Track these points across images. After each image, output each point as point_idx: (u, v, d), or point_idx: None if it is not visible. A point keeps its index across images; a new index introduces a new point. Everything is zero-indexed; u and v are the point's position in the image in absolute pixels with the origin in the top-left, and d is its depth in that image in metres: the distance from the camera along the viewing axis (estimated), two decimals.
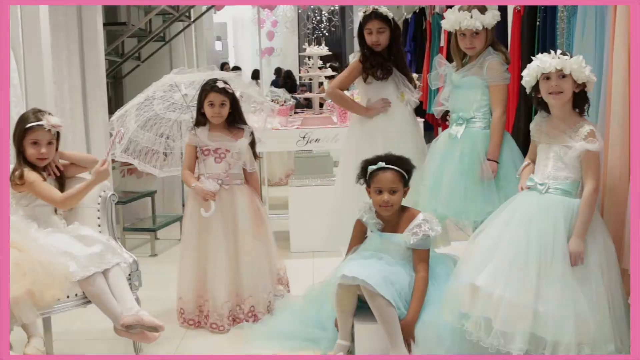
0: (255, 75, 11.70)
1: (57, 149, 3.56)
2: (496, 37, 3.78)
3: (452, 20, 3.70)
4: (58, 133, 3.53)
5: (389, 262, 3.36)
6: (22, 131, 3.46)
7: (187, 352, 3.69)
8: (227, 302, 3.91)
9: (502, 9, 3.76)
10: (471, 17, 3.63)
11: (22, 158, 3.46)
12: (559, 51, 2.98)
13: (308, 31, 14.55)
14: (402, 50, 4.27)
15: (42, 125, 3.44)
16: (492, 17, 3.66)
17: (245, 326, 3.87)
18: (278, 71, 13.89)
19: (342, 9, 15.33)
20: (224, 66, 12.34)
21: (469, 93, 3.74)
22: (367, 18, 4.10)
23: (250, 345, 3.67)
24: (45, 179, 3.47)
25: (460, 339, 3.07)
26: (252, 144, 4.05)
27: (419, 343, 3.21)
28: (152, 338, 3.29)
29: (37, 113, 3.50)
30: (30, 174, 3.41)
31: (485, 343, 2.86)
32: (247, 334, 3.79)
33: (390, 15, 4.09)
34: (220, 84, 3.90)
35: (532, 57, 3.05)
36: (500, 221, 3.02)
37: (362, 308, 3.34)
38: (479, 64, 3.71)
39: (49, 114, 3.53)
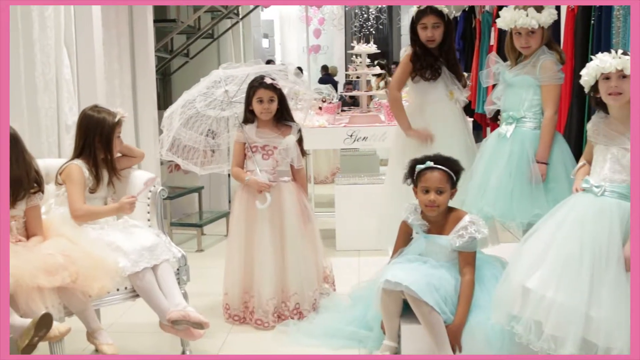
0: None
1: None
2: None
3: (507, 19, 3.65)
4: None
5: (434, 265, 3.32)
6: (114, 127, 3.55)
7: (232, 347, 3.70)
8: (272, 298, 3.92)
9: (556, 8, 3.68)
10: (527, 15, 3.56)
11: (94, 157, 3.53)
12: (619, 51, 2.90)
13: (355, 29, 14.53)
14: (453, 47, 4.21)
15: (123, 118, 3.60)
16: (548, 16, 3.60)
17: (290, 323, 3.87)
18: (325, 68, 13.91)
19: (390, 6, 15.27)
20: (269, 63, 12.38)
21: (520, 92, 3.68)
22: (422, 13, 4.04)
23: (295, 343, 3.67)
24: (98, 182, 3.52)
25: (509, 343, 3.02)
26: (300, 141, 4.04)
27: (467, 347, 3.17)
28: (197, 335, 3.31)
29: (104, 110, 3.60)
30: (74, 169, 3.46)
31: (535, 346, 2.80)
32: (292, 331, 3.79)
33: (446, 10, 4.04)
34: (268, 80, 3.91)
35: (589, 57, 2.98)
36: (553, 223, 2.96)
37: (408, 309, 3.30)
38: (532, 63, 3.64)
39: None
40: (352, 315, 3.71)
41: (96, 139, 3.53)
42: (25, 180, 3.06)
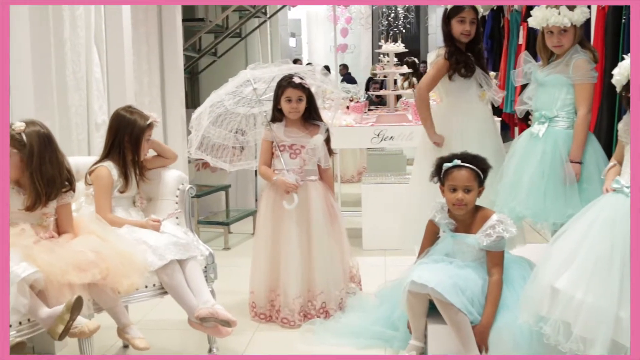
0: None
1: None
2: None
3: (539, 18, 3.62)
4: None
5: (460, 265, 3.30)
6: (144, 130, 3.57)
7: (258, 345, 3.72)
8: (298, 297, 3.92)
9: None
10: (559, 14, 3.53)
11: (122, 157, 3.56)
12: None
13: (382, 28, 14.50)
14: (482, 47, 4.20)
15: (155, 122, 3.61)
16: (580, 14, 3.56)
17: (316, 322, 3.87)
18: (345, 67, 13.89)
19: (418, 5, 15.22)
20: (296, 62, 12.41)
21: (553, 91, 3.65)
22: (460, 7, 4.01)
23: (321, 342, 3.67)
24: (127, 182, 3.55)
25: (537, 344, 3.00)
26: (328, 141, 4.05)
27: (494, 348, 3.15)
28: (224, 333, 3.32)
29: (137, 111, 3.63)
30: (103, 172, 3.50)
31: (564, 348, 2.78)
32: (318, 330, 3.79)
33: (481, 10, 4.03)
34: (296, 80, 3.92)
35: (620, 56, 2.95)
36: (583, 223, 2.93)
37: (435, 308, 3.29)
38: (565, 61, 3.61)
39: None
40: (378, 315, 3.70)
41: (125, 138, 3.56)
42: (58, 180, 3.09)
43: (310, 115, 4.02)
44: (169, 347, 3.72)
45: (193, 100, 7.64)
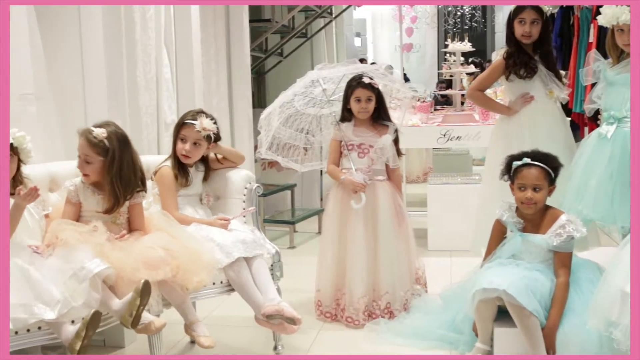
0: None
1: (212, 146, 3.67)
2: None
3: (609, 16, 3.53)
4: (210, 137, 3.59)
5: (528, 267, 3.24)
6: (179, 126, 3.61)
7: (323, 344, 3.73)
8: (363, 297, 3.92)
9: None
10: (630, 11, 3.45)
11: (173, 152, 3.61)
12: None
13: (448, 27, 14.37)
14: (551, 45, 4.13)
15: (194, 124, 3.56)
16: None
17: (381, 322, 3.86)
18: (373, 64, 13.77)
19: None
20: (361, 62, 12.38)
21: (623, 91, 3.55)
22: (521, 7, 3.98)
23: (385, 342, 3.67)
24: (187, 184, 3.59)
25: (606, 349, 2.93)
26: (396, 141, 4.04)
27: (560, 352, 3.09)
28: (290, 330, 3.33)
29: (197, 114, 3.61)
30: (164, 172, 3.55)
31: None
32: (382, 330, 3.78)
33: (545, 8, 3.96)
34: (366, 80, 3.92)
35: None
36: None
37: (501, 312, 3.25)
38: None
39: (209, 117, 3.62)
40: (443, 317, 3.67)
41: (174, 135, 3.64)
42: (133, 180, 3.17)
43: (380, 116, 4.01)
44: (235, 343, 3.77)
45: (260, 100, 7.71)
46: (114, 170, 3.10)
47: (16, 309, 2.56)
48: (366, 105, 3.94)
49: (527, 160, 3.30)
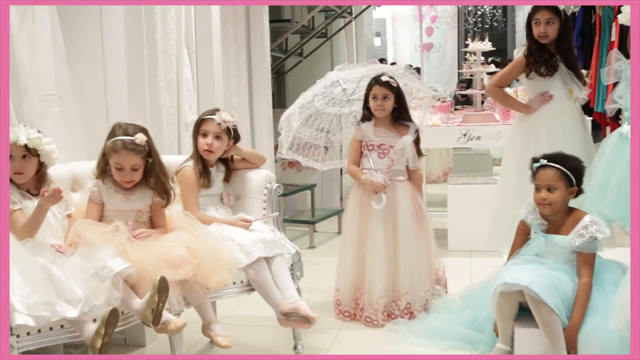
0: None
1: (231, 146, 3.68)
2: None
3: (629, 14, 3.51)
4: (231, 130, 3.62)
5: (552, 267, 3.22)
6: (198, 123, 3.64)
7: (343, 343, 3.73)
8: (382, 297, 3.92)
9: None
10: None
11: (195, 150, 3.63)
12: None
13: (469, 26, 14.32)
14: (572, 44, 4.11)
15: (213, 118, 3.58)
16: None
17: (400, 322, 3.85)
18: (393, 64, 13.74)
19: None
20: (381, 62, 12.37)
21: None
22: (535, 8, 3.98)
23: (405, 342, 3.66)
24: (208, 182, 3.61)
25: (628, 350, 2.91)
26: (417, 141, 4.03)
27: (582, 353, 3.07)
28: (305, 326, 3.33)
29: (215, 110, 3.65)
30: (186, 172, 3.57)
31: None
32: (402, 330, 3.78)
33: (561, 6, 3.94)
34: (384, 78, 3.92)
35: None
36: None
37: (522, 311, 3.24)
38: None
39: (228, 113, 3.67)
40: (463, 317, 3.66)
41: (194, 133, 3.67)
42: (160, 182, 3.22)
43: (400, 116, 4.01)
44: (255, 343, 3.78)
45: (280, 100, 7.73)
46: (157, 166, 3.20)
47: (39, 307, 2.58)
48: (382, 103, 3.93)
49: (543, 161, 3.29)
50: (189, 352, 3.61)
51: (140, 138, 3.11)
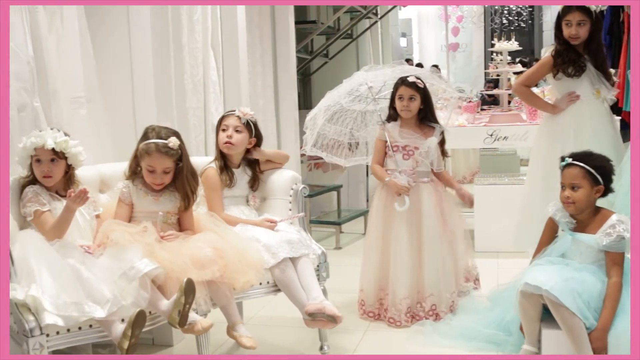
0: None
1: (254, 144, 3.70)
2: None
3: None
4: (251, 124, 3.65)
5: (577, 268, 3.19)
6: (219, 121, 3.68)
7: (369, 344, 3.73)
8: (405, 298, 3.91)
9: None
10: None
11: (217, 147, 3.66)
12: None
13: (495, 26, 14.24)
14: (601, 44, 4.07)
15: (232, 113, 3.63)
16: None
17: (426, 323, 3.85)
18: (419, 65, 13.68)
19: None
20: (407, 62, 12.33)
21: None
22: (566, 9, 3.94)
23: (431, 343, 3.65)
24: (230, 182, 3.62)
25: None
26: (442, 143, 4.02)
27: (613, 353, 3.04)
28: (330, 325, 3.34)
29: (235, 109, 3.69)
30: (209, 174, 3.59)
31: None
32: (427, 331, 3.77)
33: (593, 8, 3.91)
34: (411, 78, 3.92)
35: None
36: None
37: (549, 312, 3.21)
38: None
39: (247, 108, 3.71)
40: (490, 318, 3.64)
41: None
42: (186, 185, 3.25)
43: (426, 117, 4.00)
44: (281, 343, 3.79)
45: (305, 101, 7.74)
46: (186, 170, 3.23)
47: (68, 307, 2.61)
48: (408, 103, 3.92)
49: (568, 160, 3.27)
50: (216, 352, 3.62)
51: (173, 142, 3.15)
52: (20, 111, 3.13)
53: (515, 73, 6.91)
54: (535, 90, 4.50)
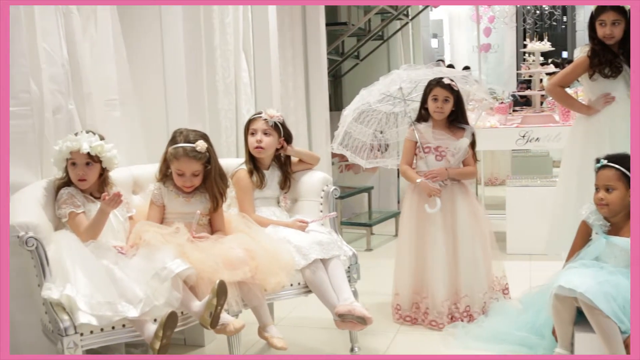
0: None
1: (283, 145, 3.70)
2: None
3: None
4: (279, 126, 3.65)
5: (611, 271, 3.15)
6: (247, 125, 3.70)
7: (400, 346, 3.73)
8: (446, 300, 3.89)
9: None
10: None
11: (246, 150, 3.68)
12: None
13: (527, 26, 14.12)
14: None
15: (260, 116, 3.64)
16: None
17: (459, 325, 3.83)
18: (450, 66, 13.60)
19: None
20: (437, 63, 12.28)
21: None
22: (600, 9, 3.89)
23: (463, 346, 3.63)
24: (261, 183, 3.63)
25: None
26: (473, 145, 4.00)
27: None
28: (359, 327, 3.33)
29: (261, 111, 3.70)
30: (240, 176, 3.61)
31: None
32: (460, 333, 3.75)
33: (628, 6, 3.85)
34: (446, 80, 3.90)
35: None
36: None
37: (583, 316, 3.17)
38: None
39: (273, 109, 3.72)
40: (522, 321, 3.60)
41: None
42: (215, 187, 3.27)
43: (457, 118, 3.98)
44: (312, 344, 3.80)
45: (336, 103, 7.75)
46: (215, 171, 3.25)
47: (101, 306, 2.64)
48: (442, 105, 3.91)
49: (603, 161, 3.23)
50: (247, 352, 3.64)
51: (200, 145, 3.16)
52: (55, 113, 3.18)
53: (547, 74, 6.85)
54: (568, 91, 4.45)
